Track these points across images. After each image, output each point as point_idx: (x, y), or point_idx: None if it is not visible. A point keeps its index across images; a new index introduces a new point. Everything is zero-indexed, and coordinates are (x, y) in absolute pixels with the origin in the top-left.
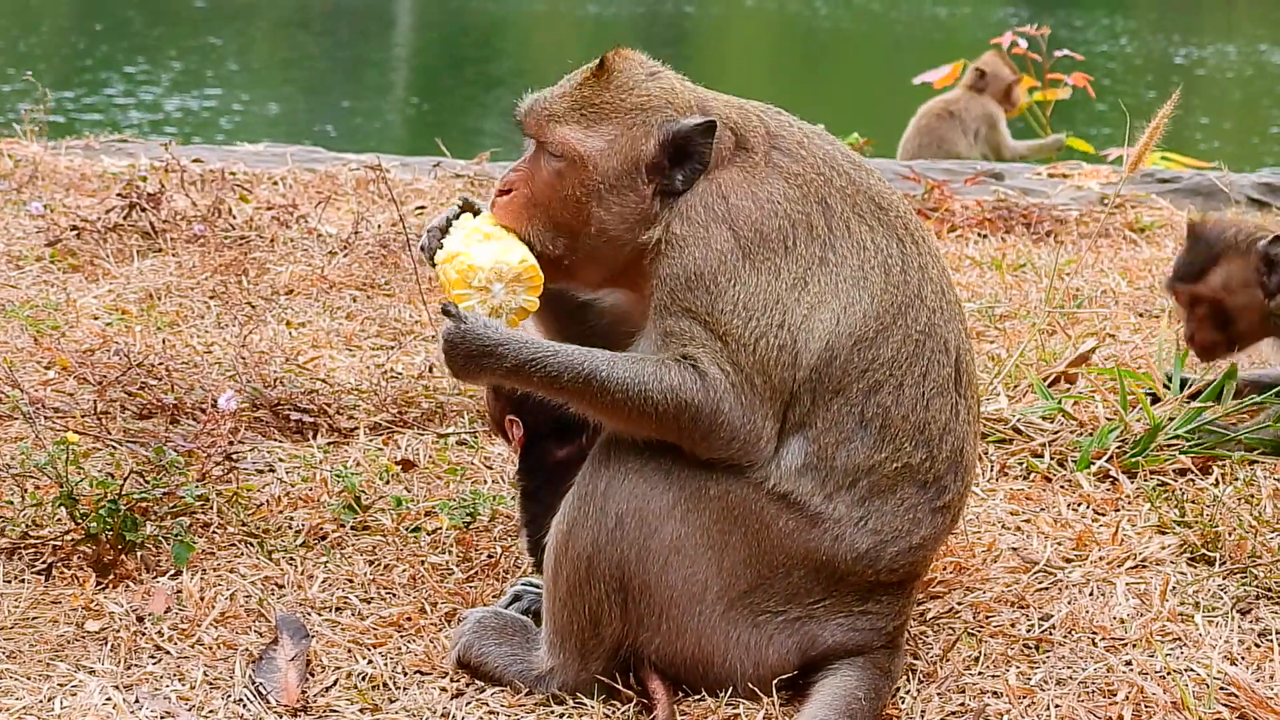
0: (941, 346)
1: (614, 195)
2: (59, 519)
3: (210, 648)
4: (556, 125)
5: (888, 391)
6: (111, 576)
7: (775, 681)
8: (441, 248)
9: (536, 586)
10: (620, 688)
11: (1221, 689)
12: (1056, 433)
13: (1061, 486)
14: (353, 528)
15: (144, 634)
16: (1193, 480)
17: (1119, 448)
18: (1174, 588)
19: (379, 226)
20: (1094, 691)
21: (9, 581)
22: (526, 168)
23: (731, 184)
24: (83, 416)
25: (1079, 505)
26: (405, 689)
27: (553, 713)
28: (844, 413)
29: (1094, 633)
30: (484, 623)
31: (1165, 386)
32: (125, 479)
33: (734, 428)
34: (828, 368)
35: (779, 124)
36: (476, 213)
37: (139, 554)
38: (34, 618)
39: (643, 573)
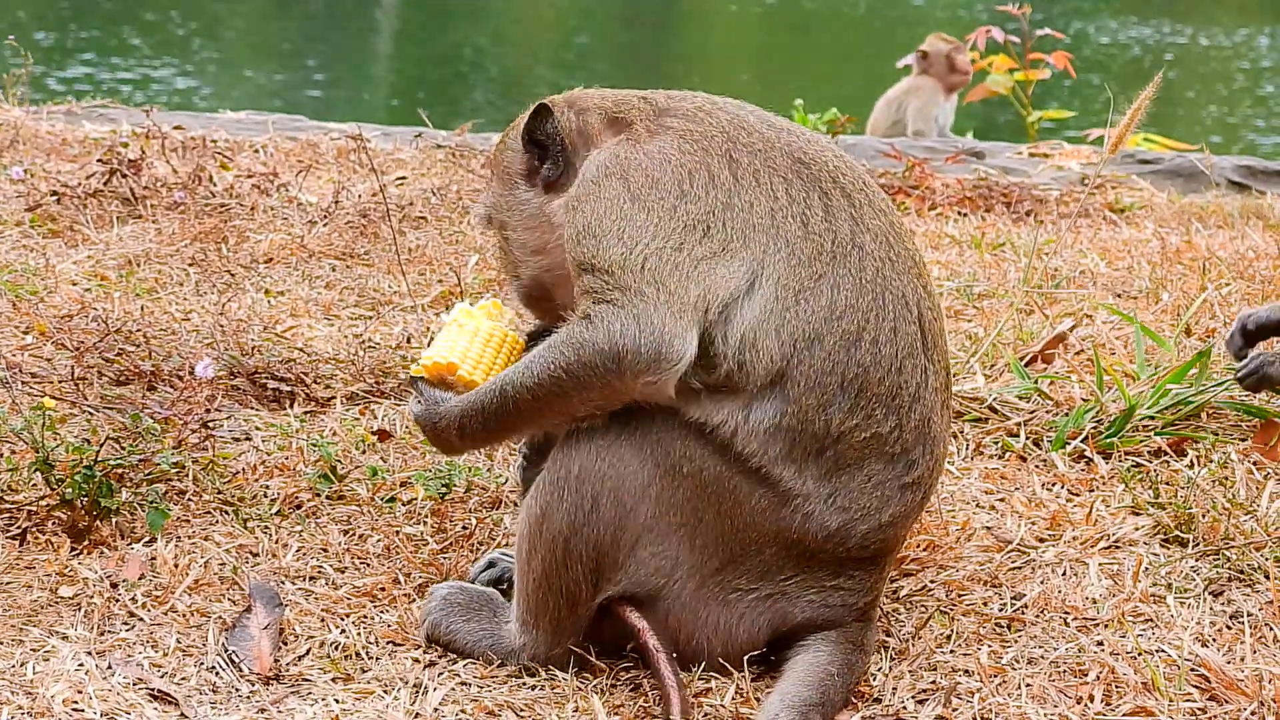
0: (901, 301)
1: (521, 219)
2: (34, 484)
3: (183, 615)
4: (485, 214)
5: (865, 348)
6: (86, 542)
7: (747, 658)
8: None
9: (510, 556)
10: (593, 659)
11: (1192, 670)
12: (1032, 412)
13: (1036, 466)
14: (328, 497)
15: (118, 600)
16: (1167, 462)
17: (1094, 428)
18: (1146, 569)
19: (359, 196)
20: (1065, 671)
21: None
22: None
23: (622, 144)
24: (60, 382)
25: (1053, 485)
26: (378, 659)
27: (524, 684)
28: (826, 370)
29: (1066, 613)
30: (450, 599)
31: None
32: (101, 445)
33: (637, 340)
34: (764, 325)
35: (676, 99)
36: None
37: (114, 520)
38: (7, 583)
39: (616, 552)
